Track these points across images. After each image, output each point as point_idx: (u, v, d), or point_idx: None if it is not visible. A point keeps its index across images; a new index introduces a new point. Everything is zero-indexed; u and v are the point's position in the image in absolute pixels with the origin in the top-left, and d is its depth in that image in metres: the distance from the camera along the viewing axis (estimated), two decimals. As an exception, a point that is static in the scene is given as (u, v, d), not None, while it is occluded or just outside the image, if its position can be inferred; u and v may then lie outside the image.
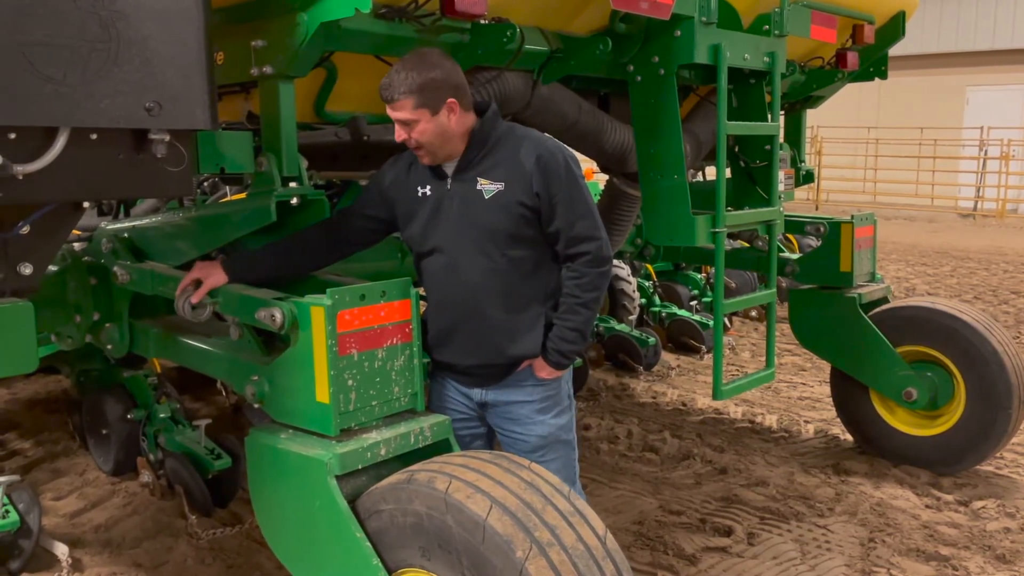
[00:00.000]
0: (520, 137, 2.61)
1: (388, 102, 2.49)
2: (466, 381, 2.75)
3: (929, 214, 18.72)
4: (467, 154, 2.59)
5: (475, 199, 2.57)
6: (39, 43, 1.88)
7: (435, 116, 2.48)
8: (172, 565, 3.53)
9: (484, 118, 2.60)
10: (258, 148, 2.77)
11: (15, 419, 5.26)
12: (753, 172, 4.01)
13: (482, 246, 2.57)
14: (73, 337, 3.35)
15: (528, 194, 2.54)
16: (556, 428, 2.76)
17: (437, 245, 2.63)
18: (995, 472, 4.53)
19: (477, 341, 2.64)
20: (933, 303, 4.50)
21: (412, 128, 2.50)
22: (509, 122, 2.69)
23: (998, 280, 10.78)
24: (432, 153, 2.56)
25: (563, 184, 2.55)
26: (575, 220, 2.57)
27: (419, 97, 2.45)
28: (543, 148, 2.57)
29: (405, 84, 2.45)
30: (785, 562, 3.58)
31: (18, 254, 2.23)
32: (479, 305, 2.61)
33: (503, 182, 2.55)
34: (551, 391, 2.74)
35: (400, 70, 2.46)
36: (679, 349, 6.97)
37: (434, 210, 2.62)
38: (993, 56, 19.32)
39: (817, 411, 5.59)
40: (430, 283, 2.70)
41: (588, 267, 2.60)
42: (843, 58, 4.56)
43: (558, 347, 2.64)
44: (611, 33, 3.30)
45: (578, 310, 2.62)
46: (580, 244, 2.58)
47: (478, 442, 2.88)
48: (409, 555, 2.16)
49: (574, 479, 2.87)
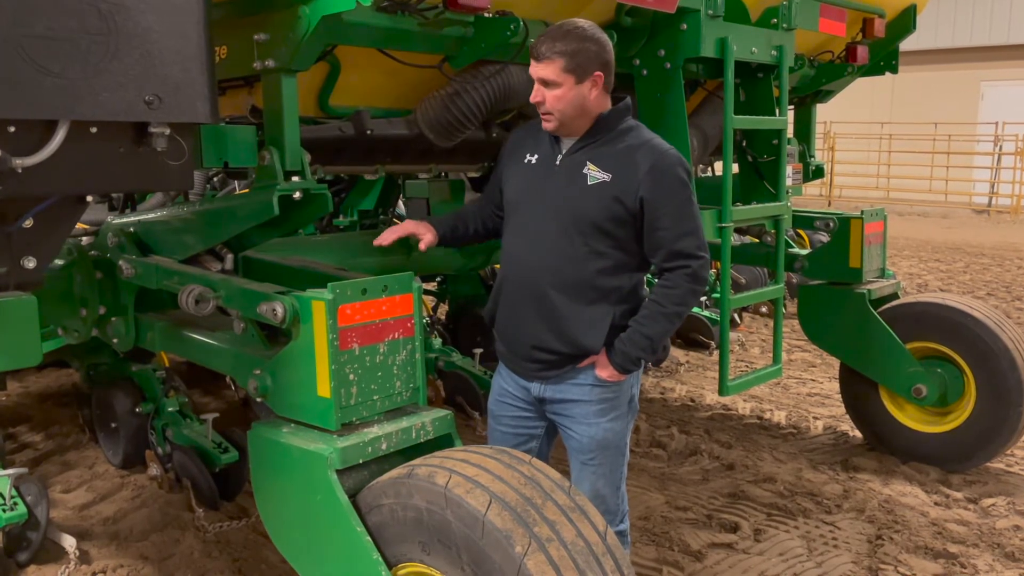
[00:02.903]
0: (643, 138, 2.59)
1: (537, 58, 2.47)
2: (526, 371, 2.73)
3: (943, 210, 18.60)
4: (587, 136, 2.58)
5: (578, 181, 2.55)
6: (39, 36, 1.88)
7: (578, 85, 2.48)
8: (179, 558, 3.54)
9: (615, 108, 2.60)
10: (261, 142, 2.77)
11: (26, 412, 5.30)
12: (761, 167, 3.99)
13: (567, 229, 2.56)
14: (79, 331, 3.36)
15: (631, 195, 2.51)
16: (610, 433, 2.70)
17: (526, 214, 2.63)
18: (1005, 469, 4.49)
19: (536, 321, 2.63)
20: (943, 299, 4.47)
21: (552, 91, 2.48)
22: (637, 121, 2.67)
23: (1012, 276, 10.69)
24: (560, 122, 2.54)
25: (675, 198, 2.53)
26: (681, 235, 2.54)
27: (570, 61, 2.45)
28: (662, 156, 2.54)
29: (561, 44, 2.43)
30: (792, 559, 3.56)
31: (21, 248, 2.24)
32: (546, 287, 2.59)
33: (611, 174, 2.53)
34: (610, 394, 2.68)
35: (557, 31, 2.45)
36: (688, 345, 6.95)
37: (535, 179, 2.63)
38: (1009, 51, 19.16)
39: (826, 407, 5.55)
40: (508, 252, 2.70)
41: (685, 280, 2.56)
42: (853, 52, 4.52)
43: (626, 349, 2.59)
44: (617, 26, 3.28)
45: (659, 319, 2.57)
46: (682, 259, 2.55)
47: (532, 443, 2.84)
48: (409, 549, 2.16)
49: (619, 484, 2.81)
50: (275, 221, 2.76)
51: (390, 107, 3.39)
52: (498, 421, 2.86)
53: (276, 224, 2.81)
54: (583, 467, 2.73)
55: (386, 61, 3.02)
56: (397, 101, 3.37)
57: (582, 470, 2.72)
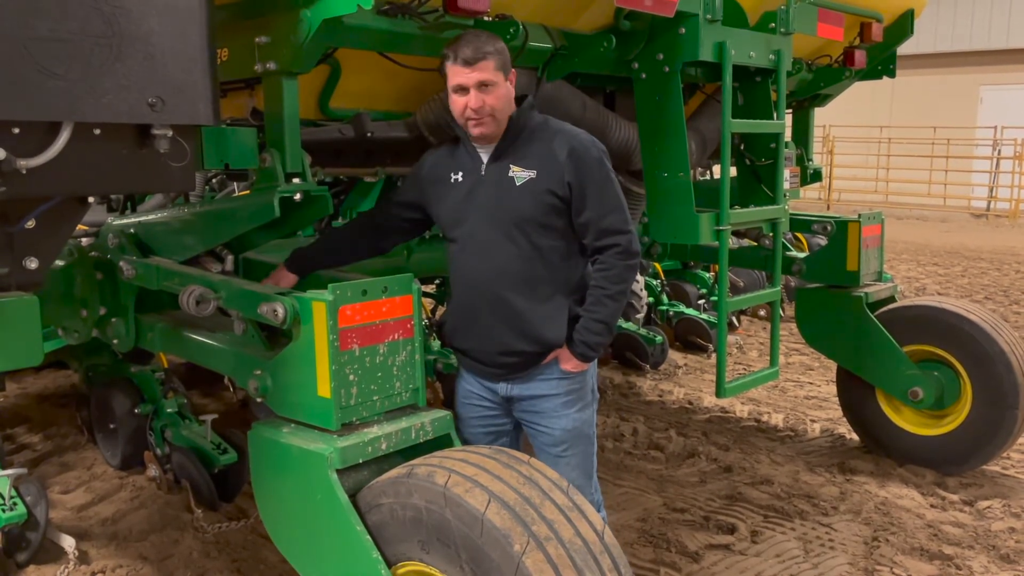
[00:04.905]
0: (555, 129, 2.66)
1: (470, 63, 2.50)
2: (491, 375, 2.78)
3: (941, 214, 18.62)
4: (503, 140, 2.64)
5: (507, 185, 2.61)
6: (43, 38, 1.90)
7: (506, 82, 2.57)
8: (178, 558, 3.55)
9: (521, 107, 2.66)
10: (262, 144, 2.78)
11: (24, 413, 5.31)
12: (758, 170, 4.00)
13: (509, 232, 2.61)
14: (80, 332, 3.37)
15: (559, 184, 2.58)
16: (580, 422, 2.79)
17: (466, 229, 2.68)
18: (1001, 472, 4.51)
19: (498, 326, 2.67)
20: (940, 302, 4.48)
21: (490, 91, 2.53)
22: (544, 115, 2.73)
23: (1009, 280, 10.71)
24: (499, 121, 2.60)
25: (595, 177, 2.60)
26: (606, 213, 2.61)
27: (498, 59, 2.53)
28: (577, 141, 2.62)
29: (486, 45, 2.50)
30: (788, 560, 3.57)
31: (24, 248, 2.25)
32: (503, 290, 2.64)
33: (535, 170, 2.60)
34: (576, 384, 2.76)
35: (472, 38, 2.52)
36: (686, 348, 6.97)
37: (467, 195, 2.67)
38: (1008, 55, 19.18)
39: (823, 410, 5.57)
40: (456, 267, 2.74)
41: (617, 259, 2.63)
42: (851, 56, 4.54)
43: (584, 338, 2.66)
44: (615, 30, 3.30)
45: (605, 302, 2.65)
46: (610, 236, 2.62)
47: (503, 439, 2.89)
48: (408, 548, 2.17)
49: (591, 472, 2.89)
50: (275, 223, 2.78)
51: (390, 110, 3.41)
52: (467, 423, 2.89)
53: (276, 226, 2.83)
54: (556, 460, 2.77)
55: (386, 64, 3.03)
56: (397, 104, 3.39)
57: (555, 464, 2.76)
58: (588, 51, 3.27)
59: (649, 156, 3.54)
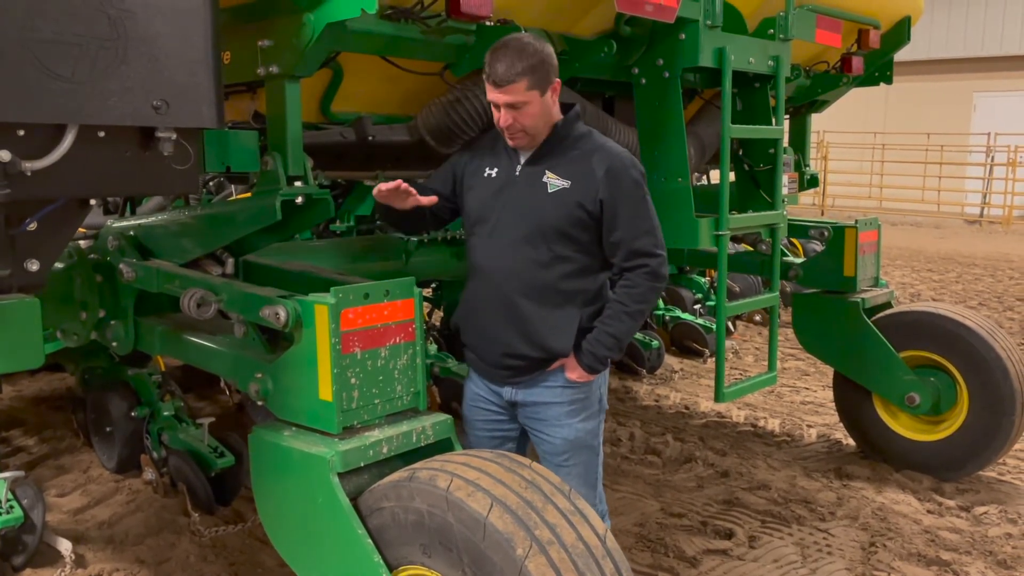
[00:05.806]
0: (597, 144, 2.65)
1: (498, 84, 2.48)
2: (496, 376, 2.78)
3: (935, 220, 18.70)
4: (544, 146, 2.63)
5: (538, 190, 2.61)
6: (48, 40, 1.90)
7: (543, 97, 2.52)
8: (175, 562, 3.54)
9: (567, 116, 2.65)
10: (264, 147, 2.78)
11: (20, 416, 5.29)
12: (757, 176, 4.01)
13: (531, 237, 2.61)
14: (79, 334, 3.36)
15: (591, 199, 2.58)
16: (583, 433, 2.77)
17: (490, 226, 2.67)
18: (997, 478, 4.52)
19: (505, 327, 2.67)
20: (936, 308, 4.50)
21: (521, 111, 2.51)
22: (589, 127, 2.72)
23: (1003, 287, 10.75)
24: (533, 137, 2.59)
25: (631, 198, 2.60)
26: (639, 235, 2.60)
27: (532, 77, 2.47)
28: (617, 160, 2.61)
29: (520, 65, 2.45)
30: (785, 565, 3.58)
31: (25, 250, 2.25)
32: (513, 292, 2.64)
33: (570, 180, 2.59)
34: (580, 394, 2.75)
35: (508, 52, 2.46)
36: (683, 352, 6.97)
37: (497, 191, 2.67)
38: (1001, 62, 19.30)
39: (820, 415, 5.58)
40: (475, 263, 2.74)
41: (644, 279, 2.62)
42: (848, 63, 4.57)
43: (593, 349, 2.65)
44: (616, 36, 3.31)
45: (623, 317, 2.64)
46: (640, 258, 2.61)
47: (509, 444, 2.89)
48: (410, 552, 2.17)
49: (595, 483, 2.87)
50: (276, 225, 2.78)
51: (391, 113, 3.41)
52: (473, 426, 2.90)
53: (277, 228, 2.83)
54: (558, 469, 2.76)
55: (388, 68, 3.04)
56: (398, 107, 3.40)
57: (557, 473, 2.74)
58: (588, 56, 3.28)
59: (649, 161, 3.55)
